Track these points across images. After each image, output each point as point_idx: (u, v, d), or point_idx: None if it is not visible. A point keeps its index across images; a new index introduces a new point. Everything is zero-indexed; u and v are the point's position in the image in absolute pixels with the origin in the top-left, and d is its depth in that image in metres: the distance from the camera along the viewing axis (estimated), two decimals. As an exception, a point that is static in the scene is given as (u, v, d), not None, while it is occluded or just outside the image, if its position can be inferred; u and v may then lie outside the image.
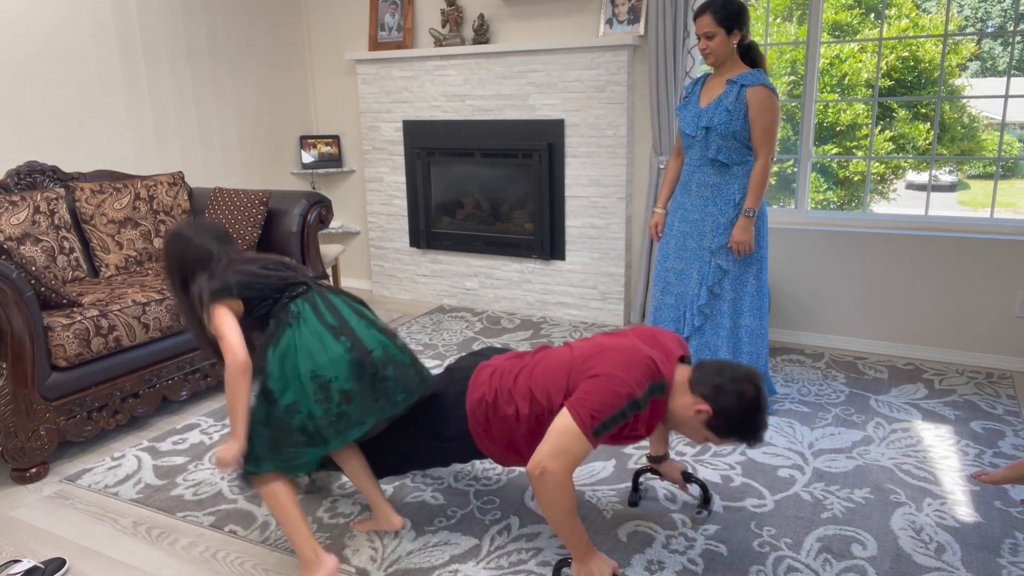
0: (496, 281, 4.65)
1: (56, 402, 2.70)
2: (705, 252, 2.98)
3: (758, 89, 2.83)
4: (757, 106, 2.83)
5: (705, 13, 2.84)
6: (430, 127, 4.60)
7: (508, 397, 2.03)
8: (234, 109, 4.62)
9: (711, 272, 2.97)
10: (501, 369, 2.12)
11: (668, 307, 3.10)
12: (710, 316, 3.02)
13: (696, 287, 3.01)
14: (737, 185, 2.93)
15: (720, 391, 1.88)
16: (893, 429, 2.91)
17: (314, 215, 3.81)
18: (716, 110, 2.88)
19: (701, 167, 2.98)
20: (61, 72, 3.67)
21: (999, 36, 8.09)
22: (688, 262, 3.03)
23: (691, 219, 3.01)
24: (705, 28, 2.85)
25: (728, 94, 2.87)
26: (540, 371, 2.02)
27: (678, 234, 3.06)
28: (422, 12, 4.60)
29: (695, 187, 3.00)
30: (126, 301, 2.96)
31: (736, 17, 2.84)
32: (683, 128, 3.00)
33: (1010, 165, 6.75)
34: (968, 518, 2.30)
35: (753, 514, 2.34)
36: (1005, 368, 3.53)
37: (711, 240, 2.96)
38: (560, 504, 1.84)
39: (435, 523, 2.33)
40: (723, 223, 2.94)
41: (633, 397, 1.85)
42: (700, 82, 3.05)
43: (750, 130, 2.87)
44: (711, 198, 2.96)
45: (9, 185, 3.30)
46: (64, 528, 2.37)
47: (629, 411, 1.85)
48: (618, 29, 4.00)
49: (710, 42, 2.86)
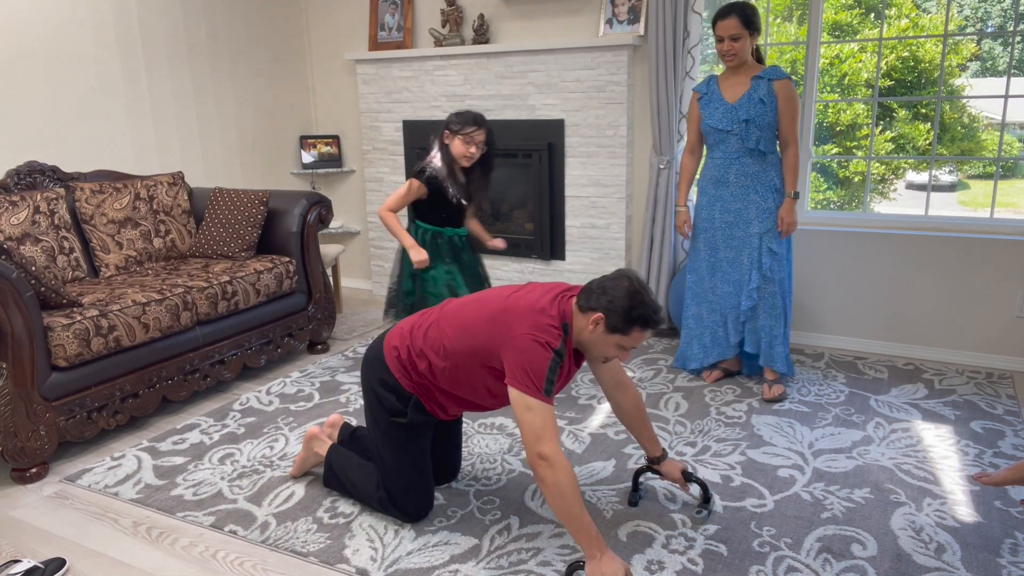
0: (496, 281, 4.65)
1: (56, 402, 2.70)
2: (753, 238, 3.18)
3: (785, 82, 3.07)
4: (786, 97, 3.07)
5: (731, 16, 3.02)
6: (430, 127, 4.60)
7: (420, 352, 2.16)
8: (234, 109, 4.62)
9: (764, 255, 3.16)
10: (409, 326, 2.24)
11: (730, 294, 3.27)
12: (762, 300, 3.20)
13: (747, 272, 3.20)
14: (775, 172, 3.15)
15: (602, 294, 1.99)
16: (893, 429, 2.91)
17: (314, 215, 3.81)
18: (751, 103, 3.07)
19: (740, 158, 3.15)
20: (61, 72, 3.67)
21: (999, 36, 8.10)
22: (738, 250, 3.23)
23: (733, 208, 3.20)
24: (732, 31, 3.03)
25: (758, 88, 3.07)
26: (451, 327, 2.12)
27: (723, 224, 3.24)
28: (422, 12, 4.60)
29: (733, 178, 3.18)
30: (126, 301, 2.96)
31: (758, 19, 3.06)
32: (714, 124, 3.16)
33: (1010, 165, 6.75)
34: (968, 518, 2.30)
35: (753, 514, 2.34)
36: (1005, 368, 3.53)
37: (758, 226, 3.16)
38: (568, 487, 1.90)
39: (435, 523, 2.33)
40: (766, 208, 3.14)
41: (553, 347, 1.98)
42: (713, 82, 3.22)
43: (780, 120, 3.09)
44: (752, 186, 3.15)
45: (9, 185, 3.30)
46: (64, 528, 2.37)
47: (557, 359, 1.99)
48: (618, 29, 4.00)
49: (735, 44, 3.05)
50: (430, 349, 2.14)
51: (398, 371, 2.20)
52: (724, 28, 3.04)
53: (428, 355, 2.14)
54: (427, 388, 2.19)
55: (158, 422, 3.16)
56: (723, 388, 3.34)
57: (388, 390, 2.22)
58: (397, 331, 2.26)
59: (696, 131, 3.29)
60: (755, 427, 2.95)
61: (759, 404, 3.16)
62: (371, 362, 2.28)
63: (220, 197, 3.79)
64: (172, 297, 3.11)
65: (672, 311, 3.90)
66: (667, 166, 3.87)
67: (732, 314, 3.29)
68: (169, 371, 3.11)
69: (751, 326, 3.26)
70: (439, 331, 2.14)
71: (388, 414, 2.23)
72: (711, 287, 3.33)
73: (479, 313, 2.10)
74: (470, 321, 2.10)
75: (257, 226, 3.71)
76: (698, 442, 2.83)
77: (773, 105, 3.06)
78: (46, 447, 2.67)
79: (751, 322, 3.25)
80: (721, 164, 3.20)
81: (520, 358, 1.96)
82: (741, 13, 3.01)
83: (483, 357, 2.06)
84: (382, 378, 2.23)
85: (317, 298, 3.87)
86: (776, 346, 3.22)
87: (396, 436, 2.25)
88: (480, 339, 2.05)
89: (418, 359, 2.16)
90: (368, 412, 2.31)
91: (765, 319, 3.21)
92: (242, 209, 3.72)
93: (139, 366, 3.00)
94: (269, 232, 3.82)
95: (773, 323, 3.21)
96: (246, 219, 3.70)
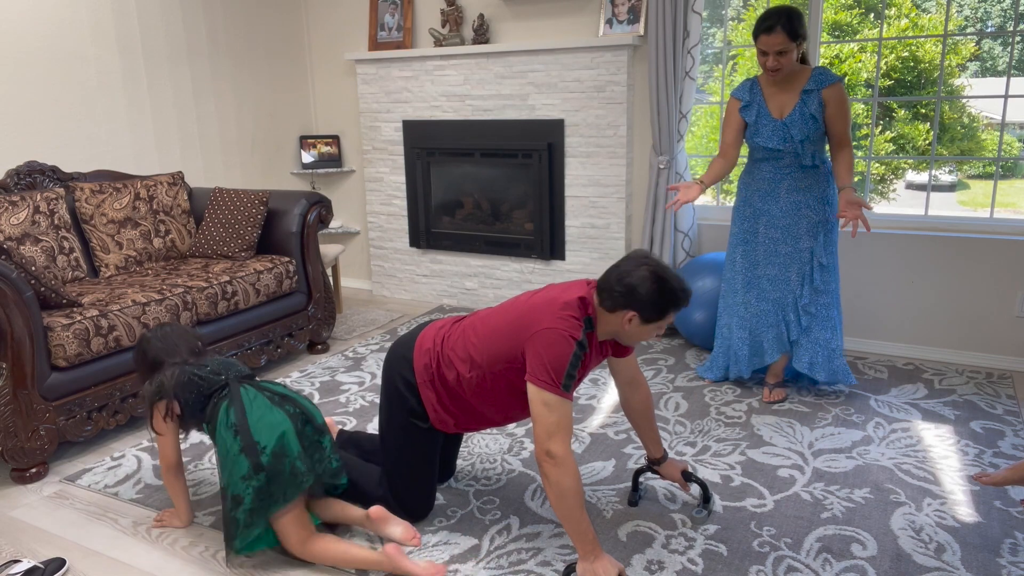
0: (496, 281, 4.65)
1: (56, 402, 2.70)
2: (804, 253, 3.04)
3: (835, 87, 2.88)
4: (836, 102, 2.88)
5: (776, 31, 2.78)
6: (430, 127, 4.61)
7: (448, 362, 2.15)
8: (234, 109, 4.62)
9: (815, 270, 3.03)
10: (441, 334, 2.21)
11: (767, 312, 3.14)
12: (815, 315, 3.08)
13: (798, 288, 3.07)
14: (825, 181, 3.02)
15: (626, 292, 1.96)
16: (893, 429, 2.91)
17: (314, 215, 3.81)
18: (803, 121, 2.91)
19: (792, 173, 3.02)
20: (61, 72, 3.67)
21: (999, 36, 8.09)
22: (783, 267, 3.08)
23: (781, 224, 3.05)
24: (779, 46, 2.80)
25: (808, 103, 2.90)
26: (477, 336, 2.11)
27: (766, 240, 3.09)
28: (422, 12, 4.60)
29: (784, 192, 3.03)
30: (126, 301, 2.96)
31: (803, 25, 2.82)
32: (765, 143, 2.99)
33: (1010, 165, 6.75)
34: (968, 518, 2.30)
35: (753, 514, 2.34)
36: (1005, 368, 3.53)
37: (808, 241, 3.03)
38: (571, 488, 1.90)
39: (435, 523, 2.33)
40: (816, 221, 3.03)
41: (576, 339, 1.97)
42: (756, 90, 3.02)
43: (830, 125, 2.92)
44: (803, 200, 3.02)
45: (9, 185, 3.30)
46: (64, 528, 2.37)
47: (580, 352, 1.97)
48: (618, 29, 4.00)
49: (782, 58, 2.83)
50: (458, 359, 2.13)
51: (424, 381, 2.19)
52: (769, 44, 2.80)
53: (456, 365, 2.13)
54: (450, 400, 2.18)
55: (158, 422, 3.16)
56: (723, 388, 3.34)
57: (411, 392, 2.21)
58: (428, 338, 2.23)
59: (732, 135, 3.09)
60: (755, 427, 2.95)
61: (759, 404, 3.16)
62: (399, 361, 2.25)
63: (220, 197, 3.79)
64: (172, 297, 3.11)
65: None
66: (667, 166, 3.87)
67: (769, 333, 3.14)
68: (169, 371, 3.11)
69: (806, 341, 3.10)
70: (465, 341, 2.14)
71: (407, 414, 2.22)
72: (743, 301, 3.19)
73: (503, 319, 2.09)
74: (495, 327, 2.09)
75: (257, 226, 3.71)
76: (698, 442, 2.83)
77: (821, 115, 2.88)
78: (46, 447, 2.67)
79: (805, 337, 3.10)
80: (771, 178, 3.03)
81: (541, 352, 1.95)
82: (787, 25, 2.75)
83: (509, 359, 2.05)
84: (407, 379, 2.22)
85: (317, 298, 3.87)
86: (835, 359, 3.10)
87: (411, 435, 2.23)
88: (506, 343, 2.05)
89: (447, 370, 2.15)
90: (385, 406, 2.29)
91: (820, 332, 3.08)
92: (242, 209, 3.72)
93: (139, 366, 3.00)
94: (269, 232, 3.82)
95: (830, 336, 3.08)
96: (246, 219, 3.70)
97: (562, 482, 1.90)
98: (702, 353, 3.78)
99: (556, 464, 1.90)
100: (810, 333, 3.10)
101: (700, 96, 4.65)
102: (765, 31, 2.80)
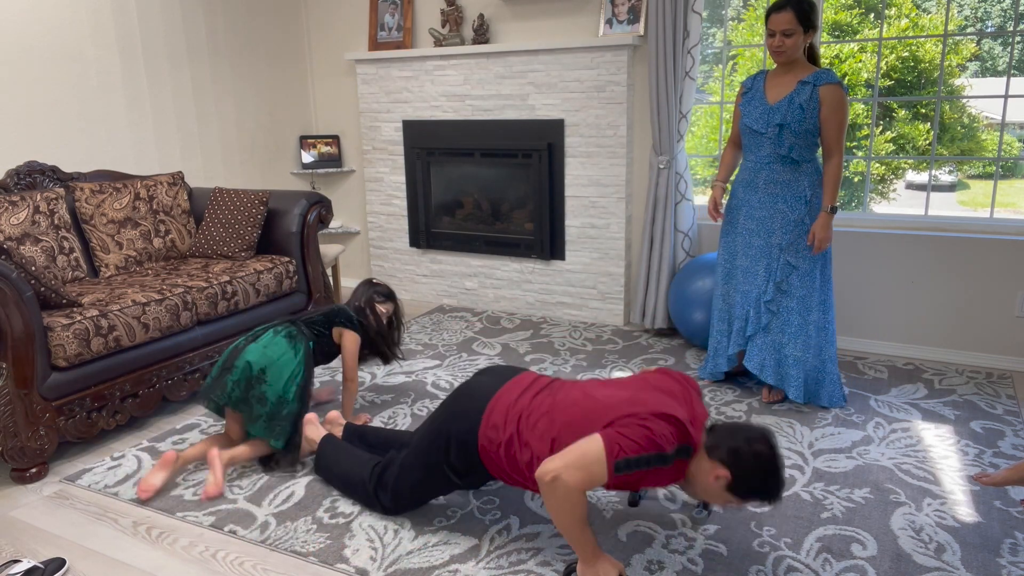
0: (496, 281, 4.65)
1: (56, 402, 2.70)
2: (773, 249, 3.00)
3: (834, 87, 2.84)
4: (832, 104, 2.83)
5: (785, 9, 2.80)
6: (430, 127, 4.61)
7: (525, 443, 2.02)
8: (234, 109, 4.62)
9: (779, 268, 2.99)
10: (517, 410, 2.08)
11: (737, 305, 3.12)
12: (776, 313, 3.03)
13: (763, 284, 3.03)
14: (807, 182, 2.95)
15: (737, 455, 1.86)
16: (893, 429, 2.91)
17: (314, 215, 3.81)
18: (790, 107, 2.87)
19: (770, 164, 2.97)
20: (61, 72, 3.67)
21: (999, 36, 8.10)
22: (754, 259, 3.05)
23: (758, 216, 3.02)
24: (785, 25, 2.81)
25: (801, 92, 2.87)
26: (562, 419, 1.99)
27: (744, 231, 3.08)
28: (422, 12, 4.60)
29: (763, 184, 3.00)
30: (126, 301, 2.96)
31: (816, 15, 2.83)
32: (750, 124, 2.99)
33: (1010, 165, 6.75)
34: (968, 518, 2.30)
35: (753, 514, 2.34)
36: (1005, 368, 3.53)
37: (780, 237, 2.98)
38: (570, 512, 1.83)
39: (435, 523, 2.33)
40: (792, 219, 2.96)
41: (663, 451, 1.84)
42: (760, 78, 3.04)
43: (822, 128, 2.88)
44: (780, 195, 2.97)
45: (9, 185, 3.30)
46: (64, 528, 2.37)
47: (654, 462, 1.84)
48: (618, 29, 4.00)
49: (787, 39, 2.83)
50: (537, 440, 2.00)
51: (488, 456, 2.10)
52: (777, 22, 2.81)
53: (533, 446, 2.01)
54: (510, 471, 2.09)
55: (158, 422, 3.16)
56: (723, 388, 3.34)
57: (463, 453, 2.14)
58: (501, 411, 2.09)
59: (738, 126, 3.13)
60: (755, 427, 2.94)
61: (759, 404, 3.16)
62: (463, 416, 2.15)
63: (220, 197, 3.79)
64: (172, 297, 3.11)
65: (672, 312, 3.90)
66: (667, 166, 3.87)
67: (735, 325, 3.13)
68: (169, 371, 3.11)
69: (761, 340, 3.06)
70: (550, 422, 2.00)
71: (446, 465, 2.19)
72: (723, 293, 3.20)
73: (594, 406, 1.96)
74: (583, 414, 1.96)
75: (257, 226, 3.71)
76: (698, 442, 2.83)
77: (814, 112, 2.84)
78: (46, 447, 2.67)
79: (762, 336, 3.06)
80: (752, 168, 3.03)
81: (629, 424, 1.84)
82: (798, 7, 2.77)
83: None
84: (465, 441, 2.13)
85: (317, 298, 3.87)
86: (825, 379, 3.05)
87: (438, 478, 2.22)
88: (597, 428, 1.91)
89: (520, 452, 2.03)
90: (426, 442, 2.22)
91: (778, 334, 3.04)
92: (242, 209, 3.72)
93: (139, 366, 3.00)
94: (269, 232, 3.82)
95: (801, 351, 3.01)
96: (246, 219, 3.70)
97: (562, 505, 1.82)
98: (702, 353, 3.78)
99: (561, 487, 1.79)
100: (767, 333, 3.05)
101: (700, 96, 4.65)
102: (775, 9, 2.83)
